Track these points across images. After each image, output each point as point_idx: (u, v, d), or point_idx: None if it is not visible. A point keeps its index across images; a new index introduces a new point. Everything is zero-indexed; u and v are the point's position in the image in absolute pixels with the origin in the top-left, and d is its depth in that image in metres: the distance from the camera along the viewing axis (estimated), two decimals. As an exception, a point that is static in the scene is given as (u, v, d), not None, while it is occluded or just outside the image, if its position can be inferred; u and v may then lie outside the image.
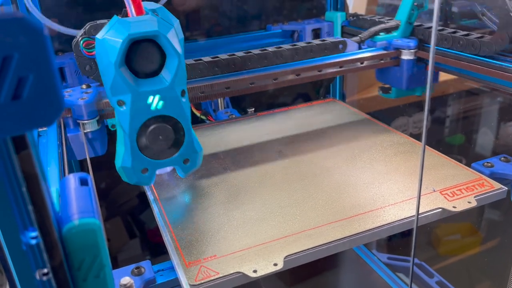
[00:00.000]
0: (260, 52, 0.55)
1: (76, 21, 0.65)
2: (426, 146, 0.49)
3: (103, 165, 0.65)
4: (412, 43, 0.59)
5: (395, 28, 0.62)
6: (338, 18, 0.74)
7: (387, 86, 0.66)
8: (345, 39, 0.60)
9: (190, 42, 0.72)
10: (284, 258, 0.35)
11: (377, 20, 0.66)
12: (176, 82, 0.38)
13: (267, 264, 0.34)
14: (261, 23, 0.78)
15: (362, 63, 0.58)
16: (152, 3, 0.41)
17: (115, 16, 0.37)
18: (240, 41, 0.75)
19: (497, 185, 0.42)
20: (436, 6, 0.25)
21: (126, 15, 0.38)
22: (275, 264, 0.34)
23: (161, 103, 0.38)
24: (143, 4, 0.38)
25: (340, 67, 0.57)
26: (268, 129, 0.59)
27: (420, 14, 0.63)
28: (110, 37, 0.35)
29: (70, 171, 0.40)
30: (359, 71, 0.59)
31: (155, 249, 0.87)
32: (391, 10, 0.95)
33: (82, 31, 0.45)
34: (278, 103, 0.83)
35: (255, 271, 0.34)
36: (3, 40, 0.16)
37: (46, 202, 0.21)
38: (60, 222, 0.24)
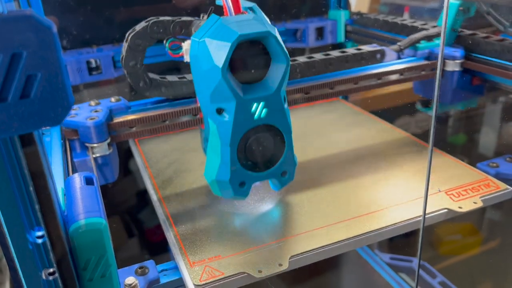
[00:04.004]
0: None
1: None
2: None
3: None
4: (458, 52, 0.52)
5: (438, 35, 0.55)
6: (342, 16, 0.73)
7: (426, 99, 0.59)
8: (383, 47, 0.53)
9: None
10: (290, 259, 0.34)
11: (381, 19, 0.66)
12: (282, 88, 0.35)
13: (272, 265, 0.34)
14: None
15: (401, 74, 0.52)
16: (245, 1, 0.37)
17: (213, 15, 0.34)
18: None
19: (503, 185, 0.42)
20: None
21: (210, 14, 0.35)
22: (280, 265, 0.34)
23: (264, 111, 0.35)
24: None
25: (378, 79, 0.51)
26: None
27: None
28: (215, 39, 0.32)
29: (75, 170, 0.40)
30: (398, 83, 0.53)
31: (154, 249, 0.87)
32: (394, 9, 0.94)
33: (159, 29, 0.40)
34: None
35: (260, 271, 0.33)
36: (11, 38, 0.16)
37: (53, 201, 0.21)
38: (66, 221, 0.24)
